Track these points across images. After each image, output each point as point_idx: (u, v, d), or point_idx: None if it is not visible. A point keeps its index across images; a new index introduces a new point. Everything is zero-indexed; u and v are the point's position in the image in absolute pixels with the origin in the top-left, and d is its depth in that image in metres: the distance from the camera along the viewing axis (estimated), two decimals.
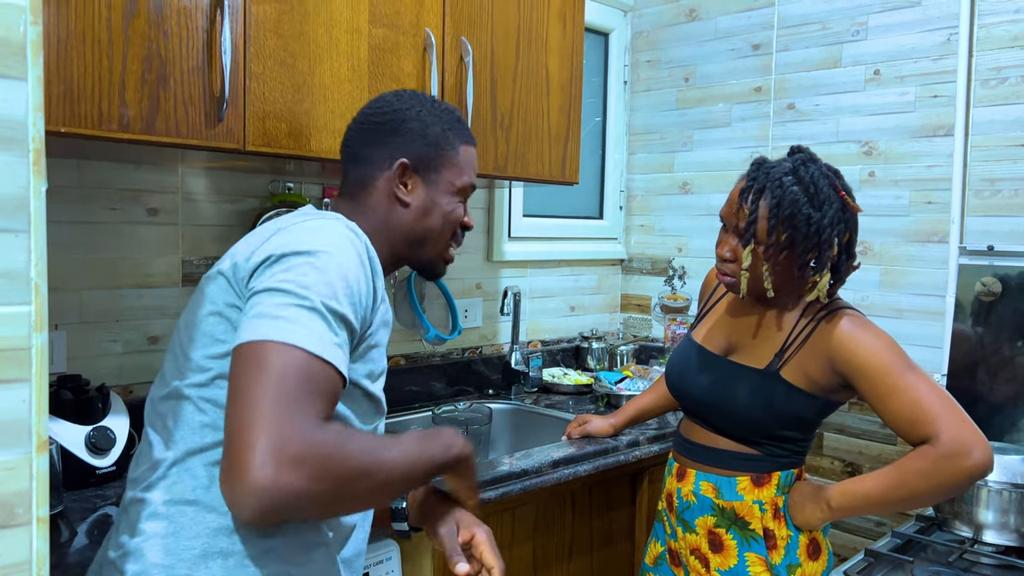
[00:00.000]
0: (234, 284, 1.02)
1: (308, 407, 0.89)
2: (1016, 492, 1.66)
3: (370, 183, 1.21)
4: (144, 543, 0.97)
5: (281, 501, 0.84)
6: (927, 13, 2.23)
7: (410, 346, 2.34)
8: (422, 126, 1.21)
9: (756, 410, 1.43)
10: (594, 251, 2.92)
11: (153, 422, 1.05)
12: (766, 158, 1.45)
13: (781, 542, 1.43)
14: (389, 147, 1.20)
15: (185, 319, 1.08)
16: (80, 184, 1.69)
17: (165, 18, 1.37)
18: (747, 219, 1.38)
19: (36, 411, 0.62)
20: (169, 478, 1.00)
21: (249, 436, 0.85)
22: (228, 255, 1.08)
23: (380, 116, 1.22)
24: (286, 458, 0.84)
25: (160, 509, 0.99)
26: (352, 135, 1.24)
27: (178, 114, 1.40)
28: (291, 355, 0.90)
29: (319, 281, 0.96)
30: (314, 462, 0.86)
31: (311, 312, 0.94)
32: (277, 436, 0.85)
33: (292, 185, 1.99)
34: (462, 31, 1.86)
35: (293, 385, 0.89)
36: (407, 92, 1.26)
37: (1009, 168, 2.10)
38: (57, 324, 1.66)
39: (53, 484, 1.34)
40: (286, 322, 0.92)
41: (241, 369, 0.90)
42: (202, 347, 1.02)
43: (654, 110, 2.91)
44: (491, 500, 1.64)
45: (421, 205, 1.21)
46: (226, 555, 0.97)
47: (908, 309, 2.29)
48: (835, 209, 1.37)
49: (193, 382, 1.01)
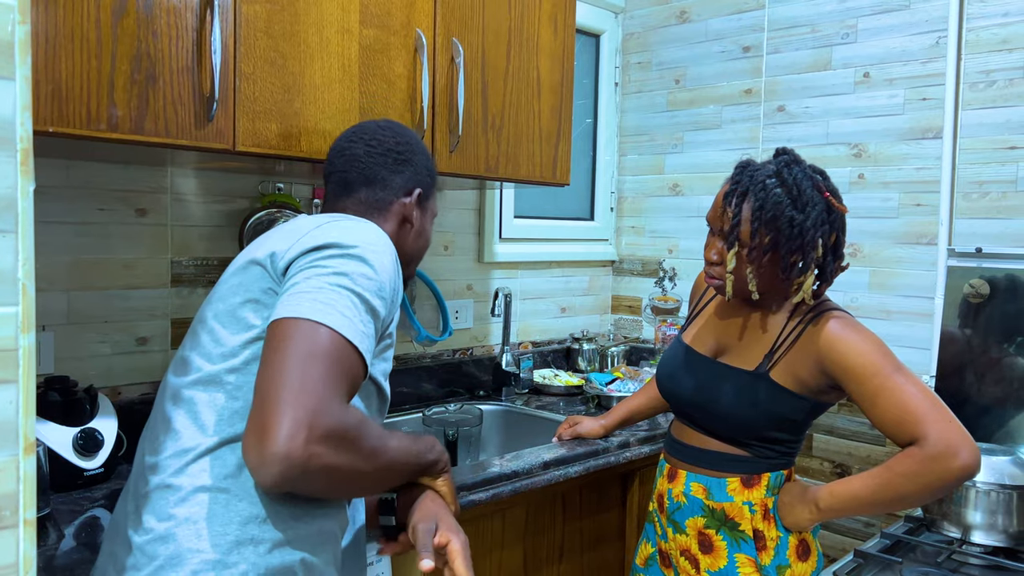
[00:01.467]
0: (271, 272, 1.07)
1: (337, 386, 0.95)
2: (1004, 493, 1.66)
3: (386, 205, 1.29)
4: (177, 528, 0.99)
5: (307, 470, 0.90)
6: (916, 16, 2.25)
7: (400, 347, 2.34)
8: (425, 159, 1.34)
9: (745, 411, 1.43)
10: (585, 252, 2.92)
11: (178, 407, 1.06)
12: (752, 160, 1.45)
13: (771, 543, 1.44)
14: (406, 175, 1.30)
15: (211, 308, 1.11)
16: (69, 184, 1.68)
17: (155, 17, 1.36)
18: (731, 222, 1.39)
19: (23, 413, 0.62)
20: (198, 464, 1.01)
21: (280, 405, 0.90)
22: (261, 245, 1.12)
23: (396, 144, 1.30)
24: (317, 431, 0.90)
25: (190, 495, 1.00)
26: (364, 157, 1.29)
27: (167, 114, 1.39)
28: (325, 334, 0.96)
29: (357, 272, 1.03)
30: (341, 438, 0.92)
31: (348, 299, 1.00)
32: (310, 409, 0.90)
33: (282, 186, 1.98)
34: (453, 32, 1.86)
35: (326, 363, 0.94)
36: (403, 126, 1.37)
37: (997, 171, 2.11)
38: (45, 325, 1.65)
39: (40, 486, 1.33)
40: (323, 304, 0.98)
41: (276, 343, 0.96)
42: (236, 332, 1.06)
43: (645, 112, 2.92)
44: (481, 502, 1.64)
45: (419, 229, 1.33)
46: (257, 543, 1.00)
47: (897, 311, 2.30)
48: (819, 211, 1.37)
49: (226, 367, 1.04)
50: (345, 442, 0.93)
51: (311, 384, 0.91)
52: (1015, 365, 1.99)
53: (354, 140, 1.30)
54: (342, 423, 0.93)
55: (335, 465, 0.92)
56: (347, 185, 1.28)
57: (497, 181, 2.10)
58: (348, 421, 0.94)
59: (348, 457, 0.94)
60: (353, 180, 1.28)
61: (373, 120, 1.36)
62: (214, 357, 1.05)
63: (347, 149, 1.29)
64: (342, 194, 1.29)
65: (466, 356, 2.53)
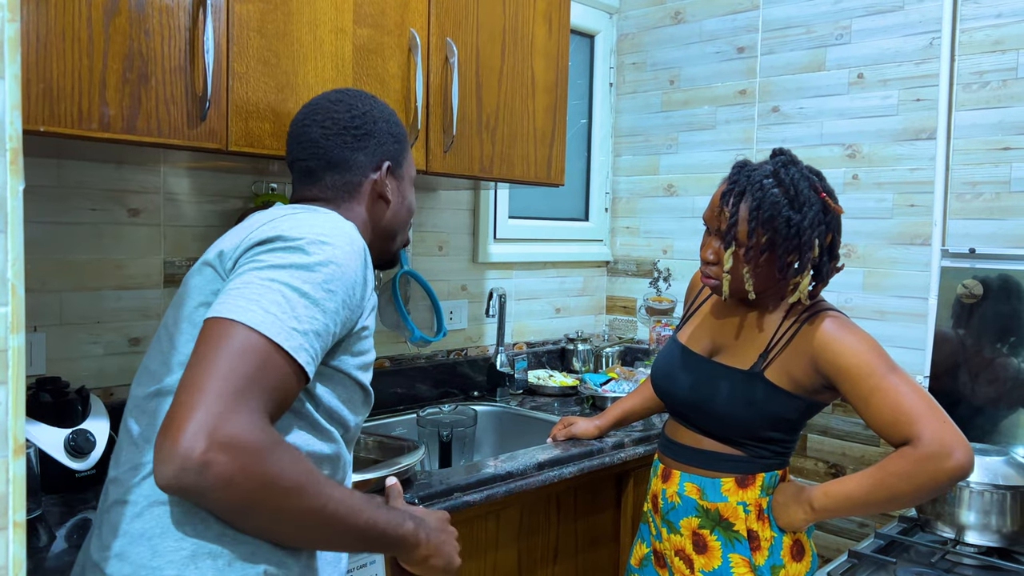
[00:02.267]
0: (220, 271, 1.03)
1: (253, 396, 0.89)
2: (998, 493, 1.67)
3: (356, 187, 1.23)
4: (130, 544, 0.96)
5: (201, 477, 0.84)
6: (910, 17, 2.25)
7: (395, 348, 2.33)
8: (388, 125, 1.27)
9: (739, 410, 1.43)
10: (579, 253, 2.92)
11: (138, 419, 1.03)
12: (749, 161, 1.46)
13: (765, 543, 1.44)
14: (369, 150, 1.24)
15: (171, 314, 1.08)
16: (60, 184, 1.67)
17: (147, 16, 1.35)
18: (728, 222, 1.39)
19: (12, 414, 0.61)
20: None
21: (192, 405, 0.85)
22: (214, 246, 1.08)
23: (352, 120, 1.23)
24: (218, 436, 0.84)
25: (146, 510, 0.97)
26: (322, 140, 1.22)
27: (160, 113, 1.38)
28: (251, 340, 0.90)
29: (296, 263, 0.97)
30: (244, 452, 0.85)
31: (278, 293, 0.94)
32: (215, 412, 0.85)
33: (275, 185, 1.98)
34: (447, 32, 1.85)
35: (244, 370, 0.89)
36: (355, 91, 1.29)
37: (990, 171, 2.12)
38: (36, 326, 1.64)
39: (31, 488, 1.32)
40: (246, 300, 0.92)
41: (198, 344, 0.91)
42: (189, 339, 1.01)
43: (639, 112, 2.92)
44: (476, 503, 1.63)
45: (398, 200, 1.28)
46: (215, 556, 0.95)
47: (891, 311, 2.30)
48: (815, 211, 1.37)
49: (180, 375, 0.99)
50: (251, 459, 0.86)
51: (226, 388, 0.87)
52: (1008, 365, 2.00)
53: (308, 123, 1.24)
54: (249, 436, 0.86)
55: (234, 481, 0.85)
56: (311, 173, 1.23)
57: (492, 181, 2.10)
58: (256, 437, 0.87)
59: (251, 477, 0.86)
60: (316, 167, 1.22)
61: (324, 94, 1.28)
62: (172, 366, 1.02)
63: (303, 135, 1.23)
64: (308, 182, 1.23)
65: (460, 357, 2.52)
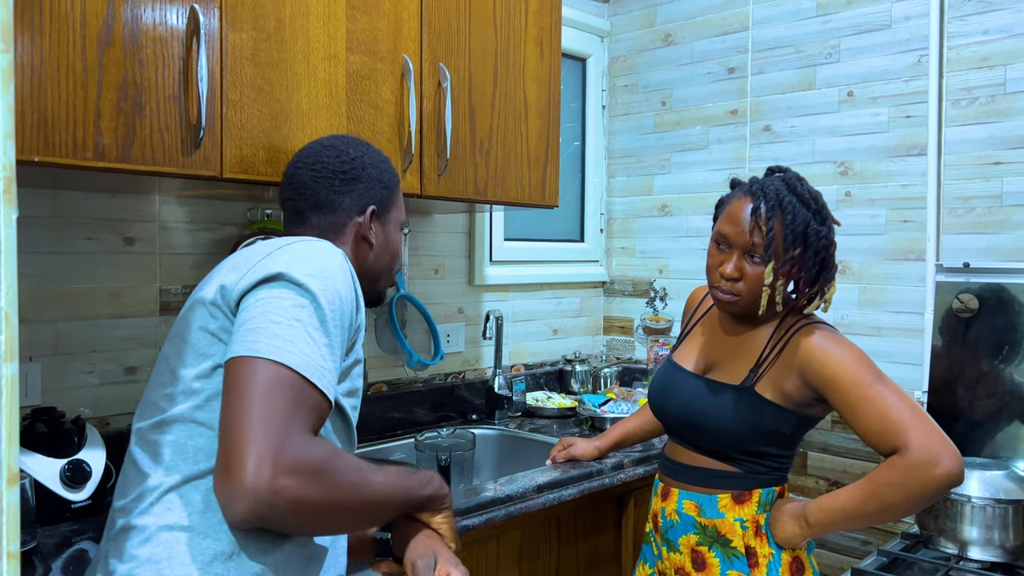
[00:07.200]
0: (223, 307, 1.05)
1: (300, 419, 0.94)
2: (1000, 508, 1.66)
3: (340, 228, 1.28)
4: (138, 568, 0.97)
5: (275, 505, 0.89)
6: (897, 36, 2.28)
7: (392, 372, 2.33)
8: (378, 172, 1.32)
9: (732, 425, 1.43)
10: (576, 274, 2.93)
11: (144, 449, 1.05)
12: (756, 178, 1.46)
13: (763, 560, 1.43)
14: (355, 194, 1.29)
15: (171, 347, 1.10)
16: (55, 214, 1.67)
17: (141, 47, 1.36)
18: (765, 236, 1.38)
19: (6, 443, 0.61)
20: (163, 504, 1.00)
21: (244, 442, 0.89)
22: (211, 280, 1.10)
23: (341, 165, 1.28)
24: (283, 464, 0.89)
25: (153, 535, 0.99)
26: (310, 182, 1.28)
27: (154, 142, 1.39)
28: (283, 374, 0.95)
29: (310, 305, 1.01)
30: (309, 471, 0.92)
31: (305, 334, 0.99)
32: (274, 443, 0.90)
33: (271, 212, 1.98)
34: (440, 57, 1.87)
35: (287, 399, 0.94)
36: (350, 138, 1.35)
37: (982, 186, 2.13)
38: (32, 356, 1.64)
39: (26, 519, 1.31)
40: (280, 340, 0.97)
41: (236, 382, 0.95)
42: (192, 365, 1.04)
43: (632, 134, 2.94)
44: (476, 526, 1.62)
45: (381, 243, 1.32)
46: None
47: (887, 327, 2.31)
48: (830, 223, 1.43)
49: (189, 406, 1.03)
50: (314, 475, 0.92)
51: (274, 419, 0.91)
52: (1006, 378, 2.00)
53: (300, 166, 1.30)
54: (309, 455, 0.92)
55: (305, 498, 0.91)
56: (299, 213, 1.29)
57: (486, 204, 2.11)
58: (315, 454, 0.93)
59: (318, 490, 0.93)
60: (303, 208, 1.28)
61: (319, 140, 1.34)
62: (175, 396, 1.04)
63: (295, 176, 1.29)
64: (297, 221, 1.29)
65: (458, 380, 2.52)
